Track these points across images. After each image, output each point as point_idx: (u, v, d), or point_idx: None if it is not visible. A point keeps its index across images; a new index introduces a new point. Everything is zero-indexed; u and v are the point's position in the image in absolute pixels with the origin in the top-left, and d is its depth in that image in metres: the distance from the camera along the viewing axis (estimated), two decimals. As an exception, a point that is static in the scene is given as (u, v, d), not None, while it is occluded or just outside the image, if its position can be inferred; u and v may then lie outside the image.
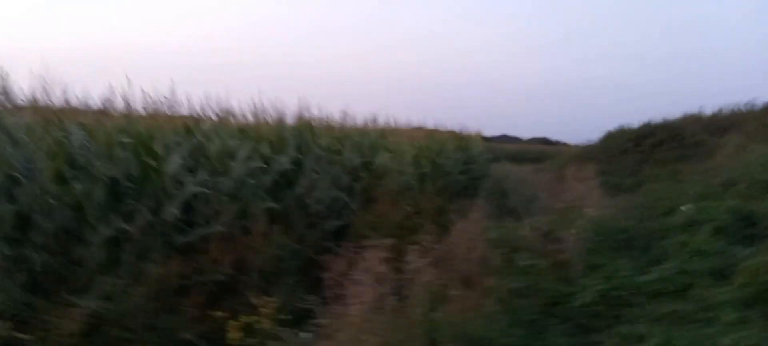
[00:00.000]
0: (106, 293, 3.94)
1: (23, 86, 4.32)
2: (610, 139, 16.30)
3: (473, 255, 3.78)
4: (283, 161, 6.15)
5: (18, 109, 4.39)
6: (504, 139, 38.05)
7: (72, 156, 4.36)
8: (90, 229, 4.33)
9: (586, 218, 5.58)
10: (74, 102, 4.82)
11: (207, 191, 5.10)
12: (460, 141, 12.69)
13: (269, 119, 6.39)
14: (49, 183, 4.18)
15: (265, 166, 5.90)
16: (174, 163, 4.95)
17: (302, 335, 3.73)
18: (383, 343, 2.81)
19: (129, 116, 4.75)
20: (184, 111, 5.32)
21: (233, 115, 6.02)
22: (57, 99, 4.64)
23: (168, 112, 5.18)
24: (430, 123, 11.88)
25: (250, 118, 6.21)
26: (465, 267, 3.64)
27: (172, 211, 4.78)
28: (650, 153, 13.55)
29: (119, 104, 4.79)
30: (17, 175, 3.97)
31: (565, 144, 30.73)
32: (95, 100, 4.88)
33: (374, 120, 8.98)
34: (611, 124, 19.92)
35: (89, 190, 4.34)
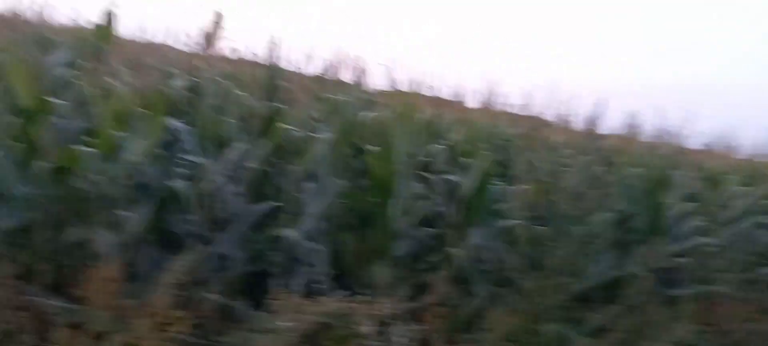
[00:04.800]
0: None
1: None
2: None
3: None
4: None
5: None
6: None
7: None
8: (591, 263, 4.16)
9: None
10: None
11: (708, 241, 4.46)
12: None
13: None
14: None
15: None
16: (679, 205, 4.45)
17: None
18: None
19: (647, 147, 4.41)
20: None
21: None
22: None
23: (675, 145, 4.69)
24: None
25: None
26: None
27: (671, 259, 4.30)
28: None
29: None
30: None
31: None
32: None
33: None
34: None
35: (600, 222, 4.16)
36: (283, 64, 4.32)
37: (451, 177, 3.73)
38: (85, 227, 2.86)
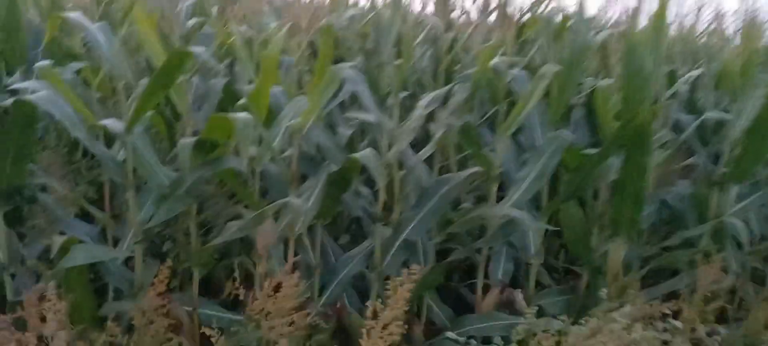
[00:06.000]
0: None
1: None
2: None
3: None
4: None
5: None
6: None
7: None
8: None
9: None
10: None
11: None
12: None
13: None
14: None
15: None
16: None
17: None
18: None
19: None
20: None
21: None
22: None
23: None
24: None
25: None
26: None
27: None
28: None
29: None
30: None
31: None
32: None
33: None
34: None
35: None
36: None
37: (716, 115, 2.65)
38: (243, 218, 2.18)
